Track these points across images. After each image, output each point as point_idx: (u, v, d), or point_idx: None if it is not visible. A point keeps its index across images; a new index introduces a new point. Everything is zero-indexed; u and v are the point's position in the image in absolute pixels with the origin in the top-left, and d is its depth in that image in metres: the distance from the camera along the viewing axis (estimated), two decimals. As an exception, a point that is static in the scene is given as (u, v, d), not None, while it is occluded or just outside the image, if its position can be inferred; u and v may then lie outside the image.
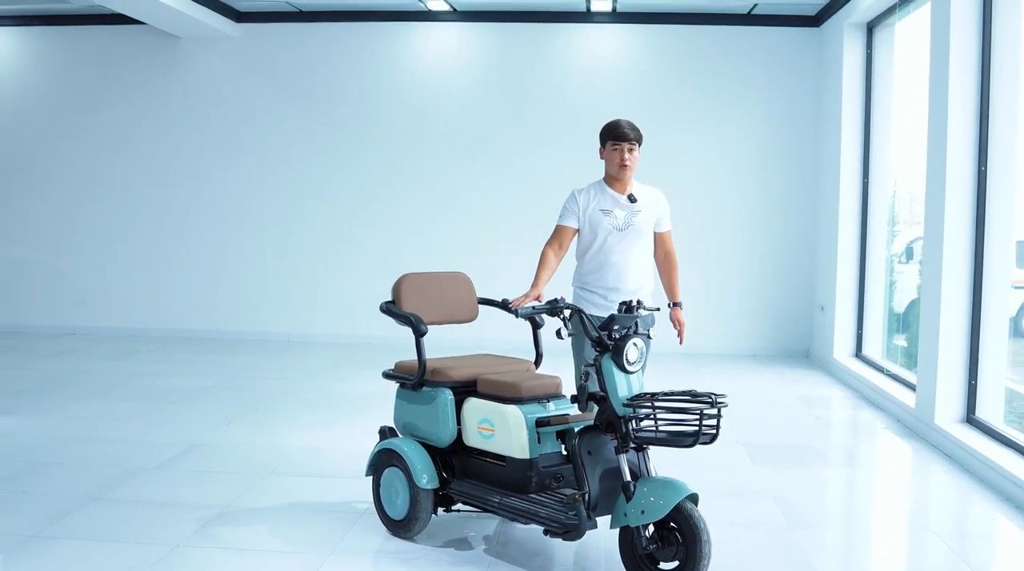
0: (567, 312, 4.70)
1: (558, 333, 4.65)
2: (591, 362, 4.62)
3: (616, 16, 11.55)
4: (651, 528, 4.38)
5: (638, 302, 4.76)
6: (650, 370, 4.94)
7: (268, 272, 12.07)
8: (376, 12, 11.63)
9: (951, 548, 5.29)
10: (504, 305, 5.56)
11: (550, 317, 4.78)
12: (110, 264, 12.28)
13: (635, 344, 4.50)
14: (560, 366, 5.61)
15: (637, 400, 4.37)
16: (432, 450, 5.10)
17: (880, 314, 10.48)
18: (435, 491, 5.02)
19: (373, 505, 5.40)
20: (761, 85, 11.55)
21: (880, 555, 5.40)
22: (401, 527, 5.10)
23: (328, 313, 12.01)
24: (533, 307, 4.76)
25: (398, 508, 5.10)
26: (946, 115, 7.28)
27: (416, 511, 5.00)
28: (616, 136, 5.55)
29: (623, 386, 4.45)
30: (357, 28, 11.75)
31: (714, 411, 4.23)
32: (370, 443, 6.93)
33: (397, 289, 5.37)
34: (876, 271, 10.44)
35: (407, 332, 5.23)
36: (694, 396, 4.29)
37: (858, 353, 10.53)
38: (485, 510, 4.91)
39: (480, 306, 5.66)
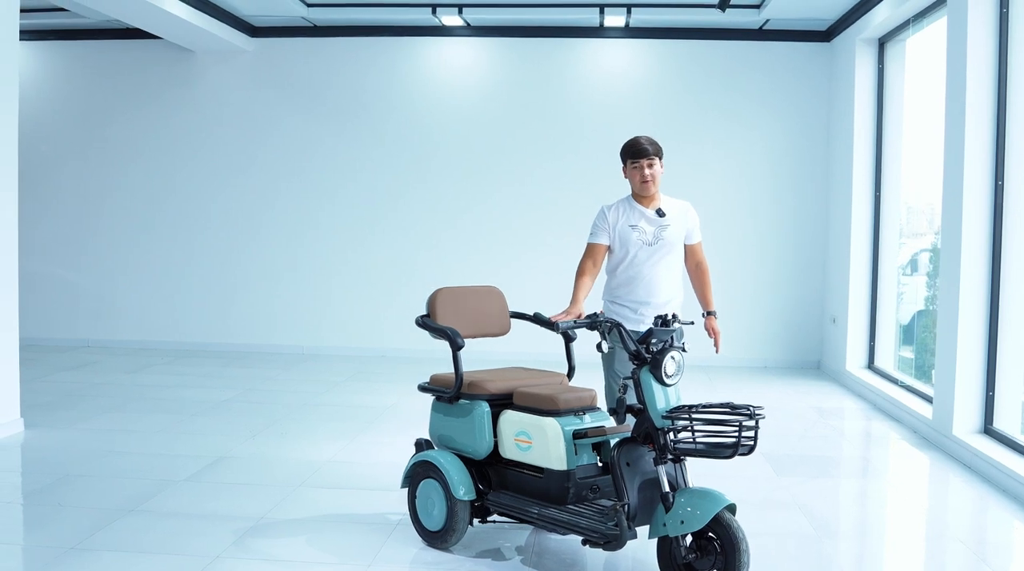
0: (606, 325, 4.76)
1: (598, 346, 4.72)
2: (629, 375, 4.68)
3: (629, 32, 11.66)
4: (689, 538, 4.44)
5: (673, 316, 4.83)
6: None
7: (281, 285, 12.14)
8: (390, 27, 11.72)
9: (976, 554, 5.37)
10: (536, 319, 5.64)
11: (589, 331, 4.84)
12: (124, 276, 12.35)
13: (673, 357, 4.57)
14: (590, 379, 5.67)
15: (676, 412, 4.43)
16: (468, 462, 5.16)
17: (892, 326, 10.57)
18: (471, 502, 5.09)
19: (406, 516, 5.48)
20: (772, 100, 11.65)
21: (909, 564, 5.46)
22: (438, 538, 5.16)
23: (341, 326, 12.08)
24: (575, 321, 4.82)
25: (435, 519, 5.16)
26: (963, 130, 7.38)
27: (453, 522, 5.07)
28: (634, 154, 5.63)
29: (661, 398, 4.52)
30: (371, 43, 11.85)
31: (752, 422, 4.30)
32: (396, 456, 7.08)
33: (432, 303, 5.43)
34: (888, 283, 10.53)
35: (422, 344, 5.34)
36: (733, 408, 4.36)
37: (870, 365, 10.61)
38: (523, 521, 4.98)
39: (512, 320, 5.72)
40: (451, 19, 11.38)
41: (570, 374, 5.54)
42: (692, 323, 5.22)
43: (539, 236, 11.86)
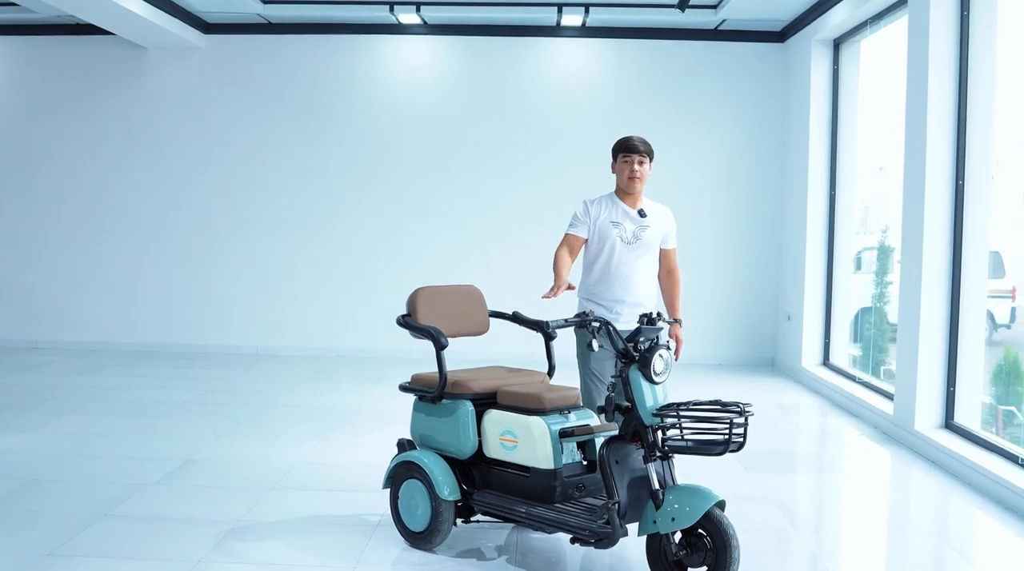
0: (596, 324, 4.77)
1: (589, 345, 4.73)
2: (615, 373, 4.70)
3: (586, 31, 11.69)
4: (679, 535, 4.47)
5: (658, 314, 4.86)
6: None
7: (237, 286, 12.02)
8: (347, 25, 11.65)
9: (943, 542, 5.50)
10: (516, 318, 5.65)
11: (579, 329, 4.85)
12: (75, 277, 12.14)
13: (661, 355, 4.59)
14: (570, 378, 5.68)
15: (665, 410, 4.46)
16: (451, 461, 5.15)
17: (847, 323, 10.72)
18: (455, 503, 5.07)
19: (385, 517, 5.47)
20: (728, 99, 11.76)
21: (883, 553, 5.56)
22: (421, 539, 5.14)
23: (299, 326, 11.98)
24: (565, 321, 4.82)
25: (418, 520, 5.14)
26: (925, 130, 7.51)
27: (438, 523, 5.05)
28: (626, 148, 5.71)
29: (650, 396, 4.54)
30: (328, 40, 11.77)
31: (742, 419, 4.34)
32: (366, 456, 7.06)
33: (413, 303, 5.41)
34: (842, 281, 10.68)
35: (380, 344, 5.31)
36: (722, 406, 4.39)
37: (825, 361, 10.75)
38: (510, 520, 4.98)
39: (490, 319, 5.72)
40: (408, 17, 11.33)
41: (551, 372, 5.55)
42: (675, 321, 5.25)
43: (499, 233, 11.86)
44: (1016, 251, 10.71)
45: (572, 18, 11.30)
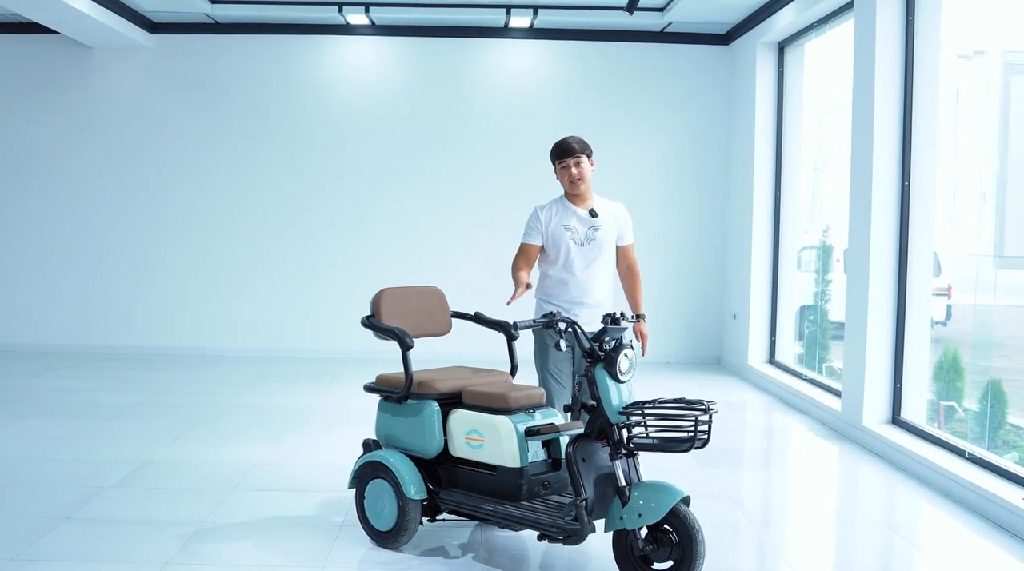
0: (562, 325, 4.85)
1: (557, 345, 4.81)
2: (583, 372, 4.78)
3: (533, 32, 11.78)
4: (645, 530, 4.56)
5: (621, 314, 4.96)
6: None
7: (186, 287, 11.93)
8: (295, 25, 11.62)
9: (892, 532, 5.68)
10: (478, 318, 5.73)
11: (545, 330, 4.92)
12: (21, 279, 11.96)
13: (626, 355, 4.69)
14: (531, 377, 5.76)
15: (631, 409, 4.55)
16: (417, 461, 5.19)
17: (792, 322, 10.92)
18: (421, 502, 5.13)
19: (349, 517, 5.53)
20: (675, 99, 11.92)
21: (838, 544, 5.72)
22: (388, 538, 5.18)
23: (246, 328, 11.93)
24: (533, 321, 4.89)
25: (385, 519, 5.18)
26: (872, 133, 7.68)
27: (405, 522, 5.10)
28: (561, 154, 5.75)
29: (615, 395, 4.63)
30: (276, 41, 11.73)
31: (707, 417, 4.44)
32: (324, 457, 7.10)
33: (377, 304, 5.45)
34: (787, 280, 10.88)
35: (327, 345, 5.34)
36: (688, 404, 4.49)
37: (771, 359, 10.94)
38: (477, 519, 5.05)
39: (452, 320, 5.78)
40: (357, 18, 11.33)
41: (513, 372, 5.62)
42: (638, 318, 5.34)
43: (449, 234, 11.92)
44: (951, 250, 11.02)
45: (520, 19, 11.38)
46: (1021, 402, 8.76)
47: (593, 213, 5.77)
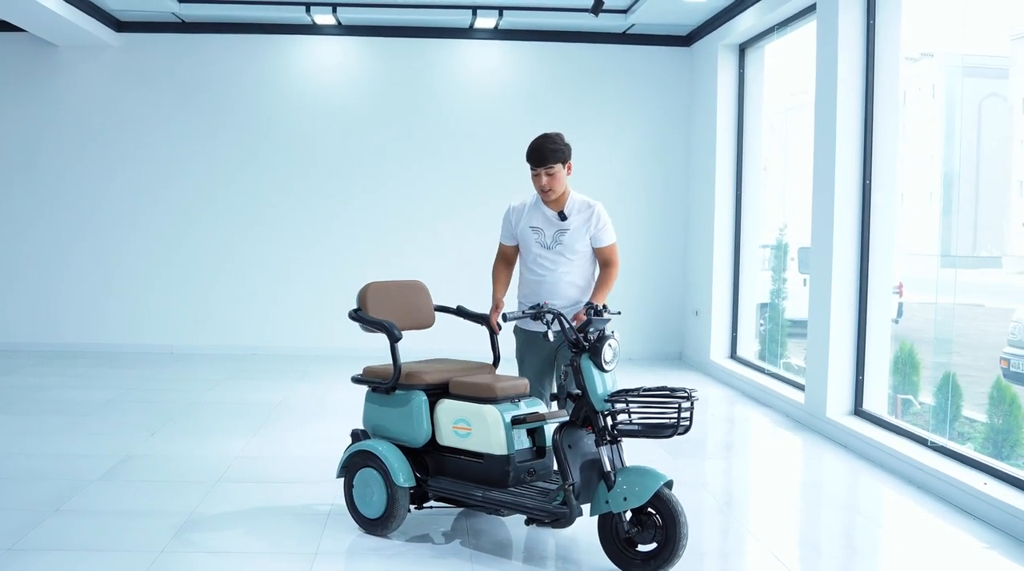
0: (549, 316, 5.01)
1: (545, 336, 4.97)
2: (568, 362, 4.94)
3: (499, 33, 11.94)
4: (629, 513, 4.74)
5: (604, 306, 5.13)
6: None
7: (153, 284, 11.95)
8: (262, 25, 11.69)
9: (855, 514, 5.91)
10: (460, 312, 5.89)
11: (533, 321, 5.07)
12: (-18, 278, 11.95)
13: (610, 345, 4.87)
14: (512, 368, 5.91)
15: (616, 396, 4.72)
16: (404, 450, 5.33)
17: (753, 318, 11.18)
18: (410, 489, 5.27)
19: (335, 507, 5.70)
20: (637, 99, 12.15)
21: (808, 525, 5.95)
22: (377, 525, 5.31)
23: (214, 325, 11.97)
24: (523, 312, 5.04)
25: (374, 507, 5.31)
26: (834, 133, 7.91)
27: (394, 509, 5.23)
28: (532, 161, 5.59)
29: (600, 384, 4.81)
30: (243, 40, 11.79)
31: (689, 404, 4.63)
32: (303, 450, 7.22)
33: (363, 297, 5.57)
34: (748, 277, 11.13)
35: (293, 342, 5.43)
36: (671, 392, 4.67)
37: (733, 355, 11.18)
38: (466, 505, 5.20)
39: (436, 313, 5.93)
40: (324, 18, 11.43)
41: (496, 363, 5.77)
42: (619, 313, 5.52)
43: (414, 233, 12.04)
44: (903, 248, 11.33)
45: (486, 21, 11.53)
46: (973, 396, 9.10)
47: (563, 216, 5.65)
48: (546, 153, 5.54)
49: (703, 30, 11.42)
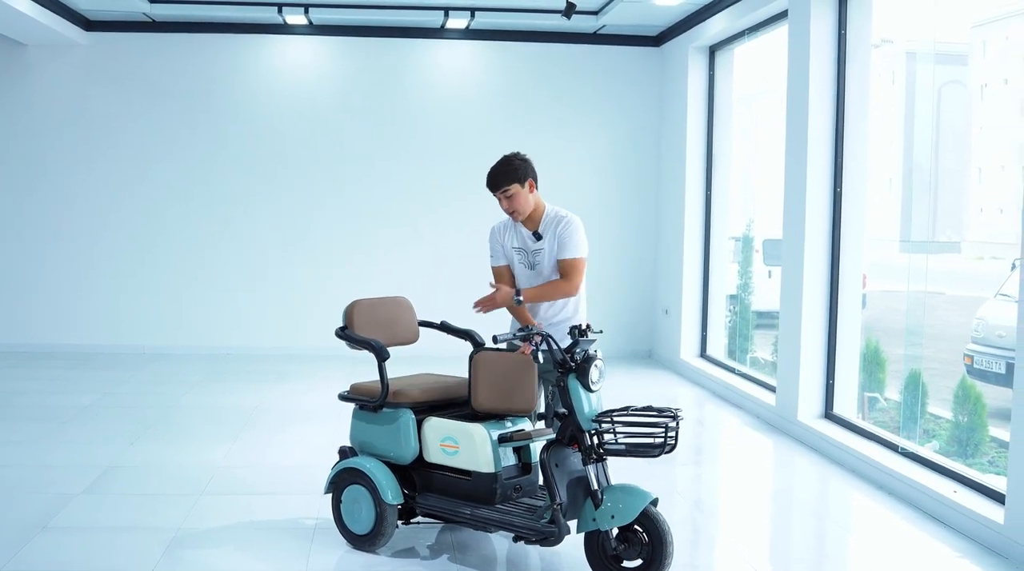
0: (538, 338, 5.09)
1: (534, 355, 5.06)
2: (555, 382, 5.03)
3: (470, 33, 11.99)
4: (615, 530, 4.85)
5: (587, 326, 5.23)
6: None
7: (123, 285, 11.93)
8: (233, 24, 11.66)
9: (823, 519, 6.10)
10: (442, 327, 5.99)
11: (522, 343, 5.16)
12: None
13: (596, 365, 4.97)
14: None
15: (604, 416, 4.82)
16: (392, 466, 5.42)
17: (723, 317, 11.33)
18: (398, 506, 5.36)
19: (320, 520, 5.79)
20: (608, 99, 12.25)
21: (779, 531, 6.11)
22: (366, 541, 5.40)
23: (187, 325, 11.97)
24: (514, 334, 5.12)
25: (363, 523, 5.39)
26: (806, 139, 8.05)
27: (383, 526, 5.32)
28: (489, 187, 5.54)
29: (587, 403, 4.91)
30: (214, 40, 11.76)
31: (675, 424, 4.74)
32: (283, 459, 7.30)
33: (350, 315, 5.64)
34: (718, 276, 11.28)
35: (265, 342, 5.44)
36: (659, 412, 4.78)
37: (703, 353, 11.34)
38: (454, 522, 5.30)
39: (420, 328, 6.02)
40: (295, 18, 11.43)
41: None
42: (601, 332, 5.60)
43: (386, 233, 12.10)
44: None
45: (458, 21, 11.57)
46: (937, 390, 9.27)
47: (537, 236, 5.60)
48: (497, 177, 5.48)
49: (673, 31, 11.53)
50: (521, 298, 5.41)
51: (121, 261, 11.92)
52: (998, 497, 5.84)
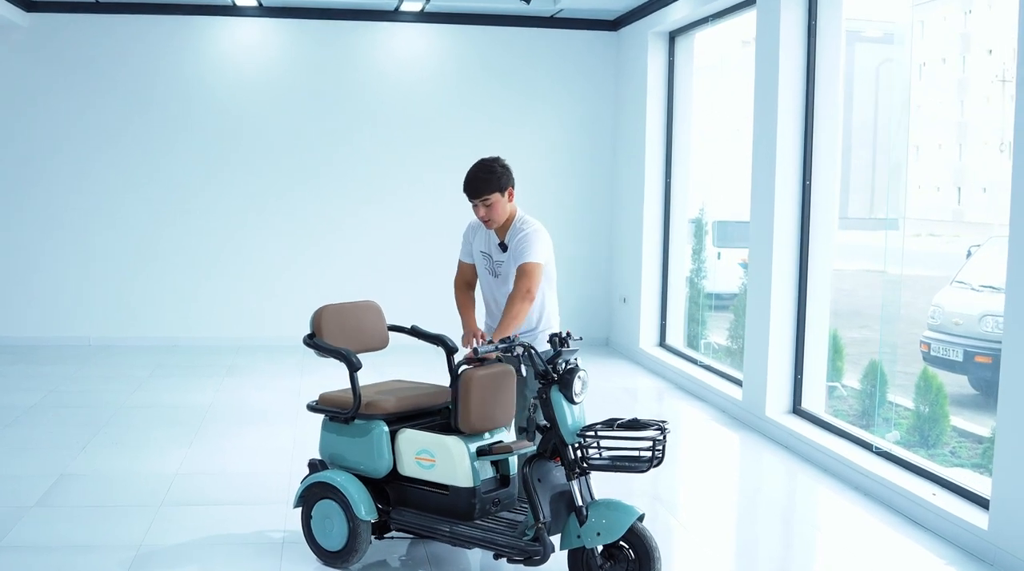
0: (520, 349, 4.90)
1: (517, 369, 4.86)
2: (537, 394, 4.85)
3: (425, 16, 11.71)
4: (600, 547, 4.69)
5: (568, 333, 5.05)
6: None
7: (68, 275, 11.54)
8: (182, 6, 11.28)
9: (799, 517, 5.99)
10: (413, 332, 5.78)
11: (504, 354, 4.96)
12: None
13: (580, 377, 4.80)
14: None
15: (589, 430, 4.65)
16: (364, 480, 5.20)
17: (682, 305, 11.22)
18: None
19: (289, 533, 5.60)
20: (564, 83, 12.07)
21: (754, 530, 6.00)
22: (338, 558, 5.19)
23: (133, 316, 11.63)
24: (496, 346, 4.91)
25: (334, 540, 5.18)
26: (775, 130, 7.92)
27: (356, 542, 5.11)
28: (467, 194, 5.31)
29: (570, 416, 4.73)
30: (162, 22, 11.36)
31: (662, 437, 4.58)
32: (241, 465, 7.10)
33: (317, 322, 5.41)
34: (677, 264, 11.16)
35: (213, 333, 5.22)
36: (645, 425, 4.61)
37: (662, 343, 11.23)
38: (430, 538, 5.10)
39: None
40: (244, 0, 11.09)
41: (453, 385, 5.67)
42: (581, 339, 5.43)
43: (339, 217, 11.85)
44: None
45: (413, 4, 11.29)
46: (893, 376, 9.17)
47: (503, 247, 5.42)
48: (479, 184, 5.26)
49: (631, 16, 11.36)
50: (492, 340, 5.08)
51: (65, 249, 11.53)
52: (980, 501, 5.76)
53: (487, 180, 5.27)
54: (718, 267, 12.08)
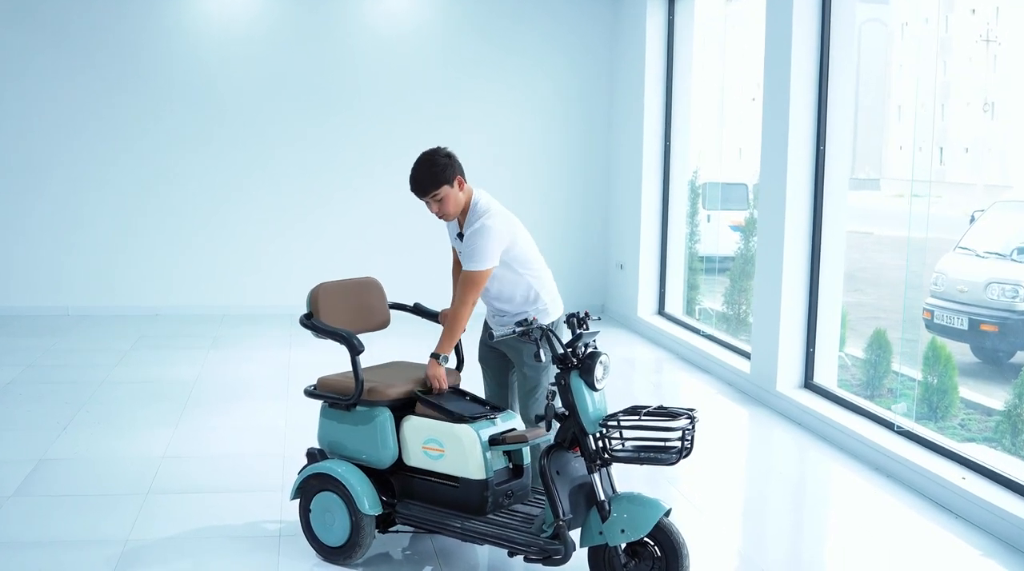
0: (538, 332, 4.55)
1: (536, 356, 4.50)
2: (555, 380, 4.50)
3: (412, -28, 11.30)
4: (623, 544, 4.37)
5: (586, 313, 4.72)
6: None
7: (46, 241, 11.12)
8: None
9: (825, 503, 5.70)
10: (415, 310, 5.44)
11: (520, 338, 4.61)
12: None
13: (602, 362, 4.47)
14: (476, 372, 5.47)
15: (611, 420, 4.31)
16: (367, 470, 4.86)
17: (681, 272, 10.88)
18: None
19: (285, 524, 5.28)
20: (557, 43, 11.69)
21: (766, 508, 5.70)
22: (339, 554, 4.85)
23: (113, 285, 11.24)
24: (513, 330, 4.55)
25: (336, 535, 4.84)
26: (788, 88, 7.55)
27: (359, 537, 4.77)
28: (414, 193, 5.03)
29: (591, 404, 4.39)
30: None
31: (692, 427, 4.24)
32: (229, 448, 6.78)
33: (315, 301, 5.03)
34: (676, 230, 10.82)
35: (192, 301, 4.90)
36: (674, 414, 4.28)
37: (661, 311, 10.90)
38: (441, 534, 4.77)
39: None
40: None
41: (459, 367, 5.34)
42: (599, 319, 5.10)
43: (326, 184, 11.49)
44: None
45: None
46: (894, 344, 8.87)
47: (461, 237, 5.10)
48: (424, 182, 4.92)
49: (631, -27, 10.96)
50: (445, 355, 4.90)
51: (44, 217, 11.11)
52: (1015, 487, 5.47)
53: (432, 175, 4.90)
54: (707, 230, 11.79)
